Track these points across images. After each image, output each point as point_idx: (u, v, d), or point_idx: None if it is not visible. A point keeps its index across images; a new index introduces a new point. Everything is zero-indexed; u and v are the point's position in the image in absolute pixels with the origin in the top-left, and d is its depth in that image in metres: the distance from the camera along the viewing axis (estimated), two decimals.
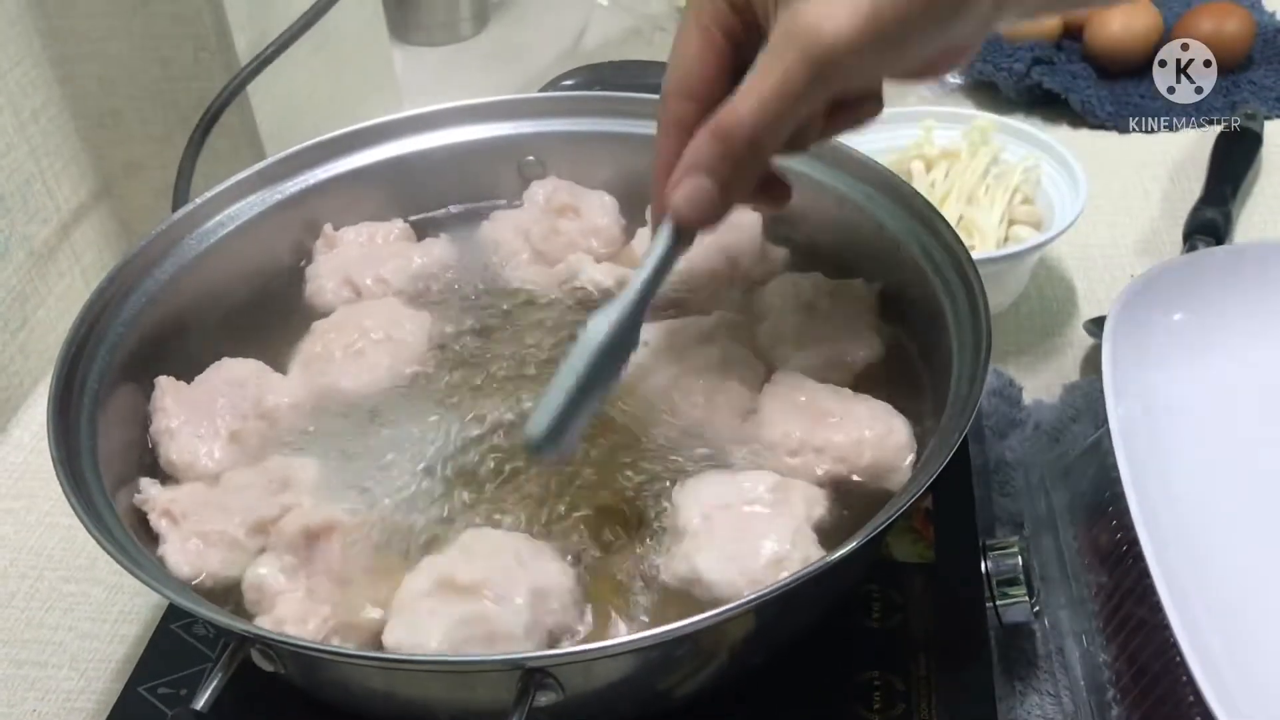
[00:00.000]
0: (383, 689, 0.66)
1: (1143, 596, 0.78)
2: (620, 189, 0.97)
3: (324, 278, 0.92)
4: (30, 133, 1.10)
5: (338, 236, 0.94)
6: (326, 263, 0.93)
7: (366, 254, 0.93)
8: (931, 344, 0.80)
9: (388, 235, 0.95)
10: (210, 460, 0.78)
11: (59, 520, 1.00)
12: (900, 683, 0.74)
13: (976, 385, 0.70)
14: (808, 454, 0.75)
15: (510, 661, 0.59)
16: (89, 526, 0.65)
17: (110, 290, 0.80)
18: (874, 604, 0.78)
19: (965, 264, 0.77)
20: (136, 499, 0.75)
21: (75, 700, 0.87)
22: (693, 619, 0.60)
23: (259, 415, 0.80)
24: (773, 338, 0.83)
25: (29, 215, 1.11)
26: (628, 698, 0.67)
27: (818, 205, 0.89)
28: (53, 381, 0.73)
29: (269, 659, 0.63)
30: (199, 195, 0.89)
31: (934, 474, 0.65)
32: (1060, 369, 1.09)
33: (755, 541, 0.68)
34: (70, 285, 1.16)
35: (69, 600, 0.94)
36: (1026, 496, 0.94)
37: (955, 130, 1.21)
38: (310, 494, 0.74)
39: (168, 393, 0.81)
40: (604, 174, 0.97)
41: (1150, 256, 1.22)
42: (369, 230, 0.95)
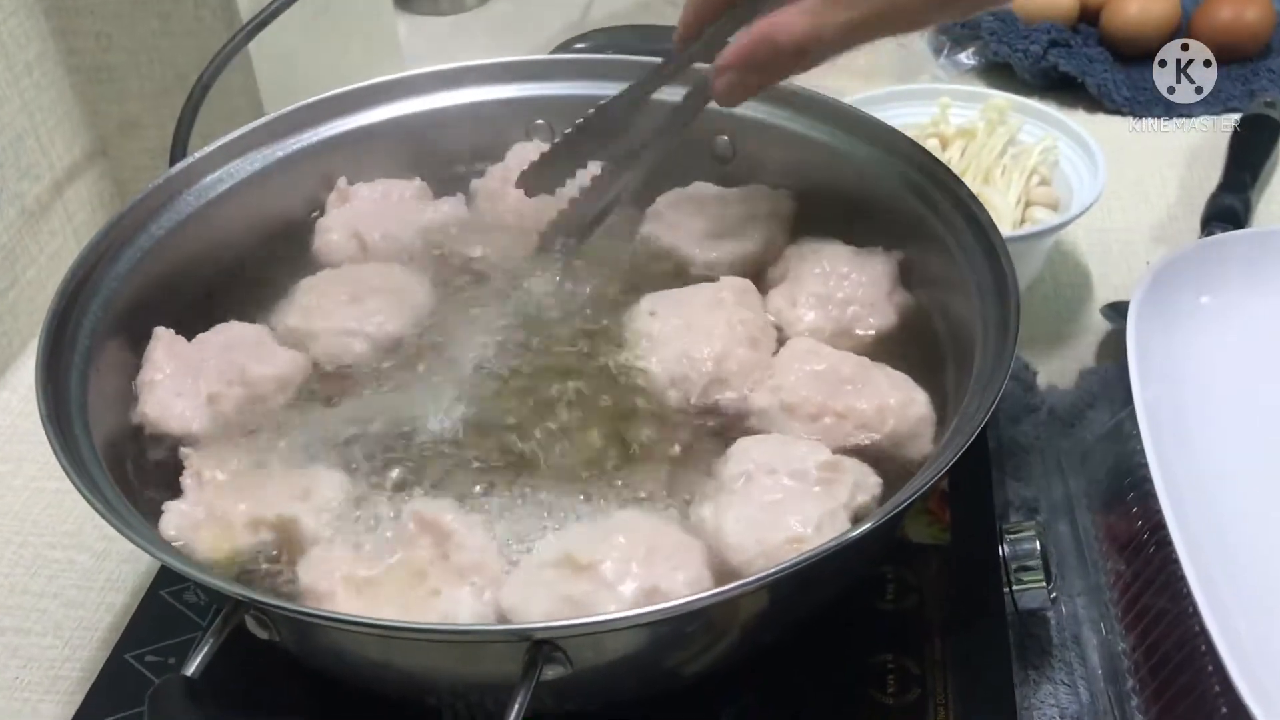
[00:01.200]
0: (382, 659, 0.63)
1: (1164, 586, 0.76)
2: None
3: (333, 231, 0.89)
4: (23, 86, 1.07)
5: (352, 191, 0.92)
6: (337, 216, 0.90)
7: (380, 209, 0.90)
8: (953, 316, 0.78)
9: (403, 193, 0.93)
10: (179, 421, 0.76)
11: (45, 485, 0.97)
12: (915, 666, 0.72)
13: (1003, 364, 0.67)
14: (828, 419, 0.73)
15: (517, 632, 0.57)
16: (77, 483, 0.62)
17: (105, 243, 0.78)
18: (888, 585, 0.76)
19: (992, 238, 0.75)
20: (183, 451, 0.73)
21: (60, 668, 0.84)
22: (704, 594, 0.59)
23: (242, 382, 0.78)
24: (786, 303, 0.82)
25: (20, 172, 1.08)
26: (636, 674, 0.65)
27: (838, 173, 0.87)
28: (42, 334, 0.70)
29: (264, 625, 0.60)
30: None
31: (958, 452, 0.63)
32: (1075, 354, 1.07)
33: (782, 515, 0.66)
34: (62, 245, 1.13)
35: (54, 566, 0.91)
36: (1043, 482, 0.91)
37: (972, 109, 1.18)
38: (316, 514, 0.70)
39: (160, 344, 0.78)
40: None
41: (1166, 243, 1.19)
42: (384, 187, 0.93)
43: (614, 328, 0.81)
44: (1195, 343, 0.87)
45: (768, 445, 0.71)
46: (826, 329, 0.80)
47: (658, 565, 0.64)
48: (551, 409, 0.76)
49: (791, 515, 0.66)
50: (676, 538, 0.67)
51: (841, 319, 0.81)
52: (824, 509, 0.66)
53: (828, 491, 0.67)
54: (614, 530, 0.66)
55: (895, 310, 0.82)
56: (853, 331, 0.81)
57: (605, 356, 0.79)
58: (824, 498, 0.67)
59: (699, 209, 0.89)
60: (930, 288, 0.83)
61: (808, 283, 0.82)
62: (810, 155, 0.90)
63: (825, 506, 0.66)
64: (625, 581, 0.63)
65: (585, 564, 0.63)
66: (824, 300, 0.81)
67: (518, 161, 0.92)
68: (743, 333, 0.78)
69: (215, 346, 0.80)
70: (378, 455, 0.74)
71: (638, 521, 0.68)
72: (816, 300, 0.81)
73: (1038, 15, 1.44)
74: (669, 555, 0.65)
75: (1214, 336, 0.88)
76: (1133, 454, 0.84)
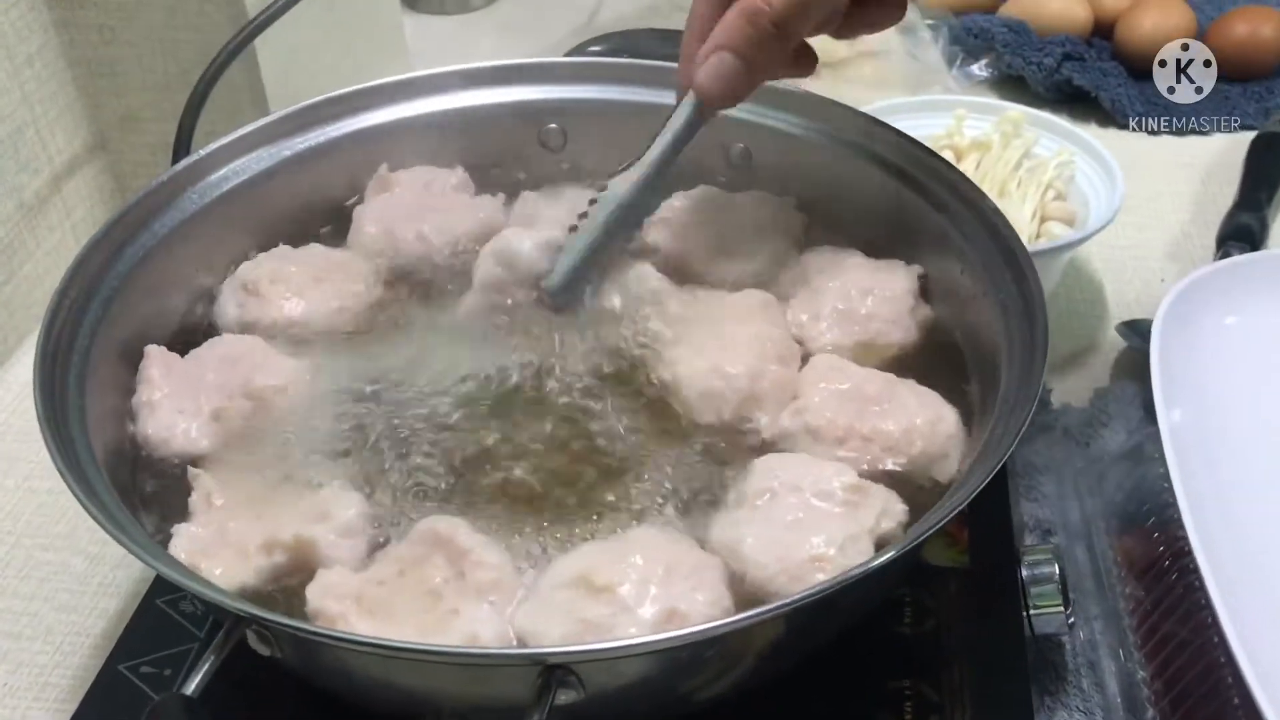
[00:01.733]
0: (387, 678, 0.61)
1: (1188, 614, 0.74)
2: None
3: (368, 222, 0.88)
4: (24, 78, 1.05)
5: (393, 179, 0.90)
6: (375, 207, 0.89)
7: (421, 201, 0.89)
8: (975, 332, 0.76)
9: (445, 184, 0.91)
10: (184, 440, 0.73)
11: (38, 485, 0.95)
12: (933, 693, 0.70)
13: (1031, 388, 0.66)
14: (855, 442, 0.71)
15: (530, 656, 0.55)
16: (73, 486, 0.60)
17: (106, 240, 0.76)
18: (905, 609, 0.74)
19: (1018, 254, 0.73)
20: (192, 471, 0.70)
21: (49, 675, 0.81)
22: (730, 619, 0.57)
23: (246, 395, 0.75)
24: (808, 316, 0.80)
25: (19, 165, 1.06)
26: (648, 699, 0.63)
27: (853, 182, 0.86)
28: (41, 332, 0.68)
29: (266, 642, 0.58)
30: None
31: (986, 477, 0.61)
32: (1089, 372, 1.05)
33: (805, 534, 0.64)
34: (60, 240, 1.11)
35: (46, 569, 0.89)
36: (1057, 503, 0.89)
37: (986, 121, 1.16)
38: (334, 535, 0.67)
39: (155, 363, 0.76)
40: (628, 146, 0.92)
41: (1181, 262, 1.18)
42: (425, 175, 0.91)
43: (630, 336, 0.79)
44: (1220, 364, 0.85)
45: (793, 464, 0.69)
46: (849, 343, 0.78)
47: (676, 585, 0.62)
48: (565, 419, 0.74)
49: (815, 535, 0.64)
50: (694, 556, 0.65)
51: (865, 333, 0.79)
52: (847, 532, 0.65)
53: (852, 515, 0.66)
54: (629, 549, 0.64)
55: (917, 325, 0.80)
56: (876, 345, 0.79)
57: (624, 365, 0.77)
58: (848, 521, 0.65)
59: (707, 217, 0.86)
60: (951, 302, 0.81)
61: (828, 296, 0.80)
62: (824, 163, 0.88)
63: (849, 530, 0.65)
64: (644, 604, 0.61)
65: (602, 585, 0.62)
66: (846, 315, 0.79)
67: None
68: (772, 350, 0.76)
69: (213, 360, 0.77)
70: (390, 467, 0.72)
71: (653, 539, 0.66)
72: (839, 315, 0.79)
73: (1052, 28, 1.42)
74: (687, 575, 0.63)
75: (1240, 357, 0.86)
76: (1154, 476, 0.82)
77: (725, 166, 0.91)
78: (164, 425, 0.74)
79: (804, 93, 0.88)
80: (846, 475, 0.67)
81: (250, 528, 0.67)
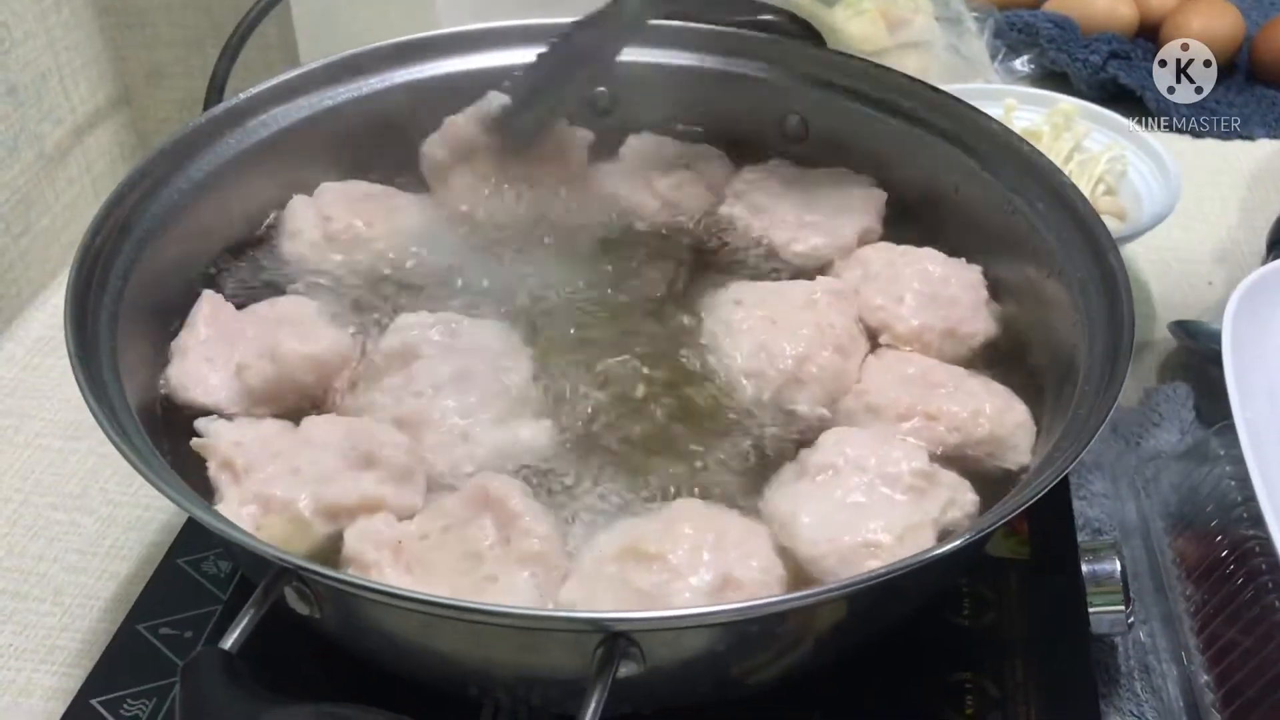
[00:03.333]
0: (431, 643, 0.58)
1: (1256, 620, 0.71)
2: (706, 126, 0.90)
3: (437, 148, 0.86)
4: (50, 23, 1.02)
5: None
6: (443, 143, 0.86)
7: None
8: (1048, 326, 0.73)
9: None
10: (203, 389, 0.70)
11: (50, 443, 0.91)
12: (994, 688, 0.67)
13: (1118, 375, 0.63)
14: (918, 419, 0.68)
15: (593, 622, 0.52)
16: (106, 428, 0.57)
17: (141, 180, 0.72)
18: (964, 600, 0.71)
19: (1100, 237, 0.70)
20: (195, 443, 0.66)
21: (56, 637, 0.78)
22: (791, 595, 0.55)
23: (272, 358, 0.72)
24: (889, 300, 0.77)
25: (42, 113, 1.02)
26: (705, 676, 0.59)
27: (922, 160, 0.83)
28: (72, 272, 0.65)
29: (305, 600, 0.54)
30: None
31: (1067, 466, 0.57)
32: (1138, 372, 1.02)
33: (864, 518, 0.61)
34: (79, 194, 1.07)
35: (56, 529, 0.85)
36: (1108, 502, 0.86)
37: (1037, 113, 1.14)
38: (394, 483, 0.64)
39: (205, 308, 0.73)
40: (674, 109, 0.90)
41: (1229, 265, 1.15)
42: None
43: (689, 313, 0.76)
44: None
45: (862, 440, 0.66)
46: (937, 327, 0.75)
47: (729, 552, 0.59)
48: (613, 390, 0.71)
49: (874, 520, 0.61)
50: (741, 524, 0.62)
51: (950, 319, 0.75)
52: (909, 519, 0.61)
53: (917, 502, 0.63)
54: (675, 519, 0.61)
55: (994, 318, 0.77)
56: (959, 334, 0.75)
57: (678, 339, 0.74)
58: (911, 508, 0.62)
59: (783, 191, 0.84)
60: (1020, 296, 0.78)
61: (910, 280, 0.77)
62: (887, 138, 0.85)
63: (910, 517, 0.62)
64: (698, 570, 0.58)
65: (653, 553, 0.59)
66: (931, 299, 0.76)
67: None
68: (831, 337, 0.73)
69: (262, 319, 0.75)
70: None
71: (697, 509, 0.63)
72: (923, 299, 0.76)
73: (1097, 25, 1.40)
74: (738, 542, 0.60)
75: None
76: (1216, 476, 0.79)
77: (780, 137, 0.89)
78: (187, 372, 0.71)
79: (864, 61, 0.85)
80: (917, 458, 0.64)
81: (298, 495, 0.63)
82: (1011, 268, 0.78)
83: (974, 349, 0.75)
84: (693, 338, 0.75)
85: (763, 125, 0.87)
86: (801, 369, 0.71)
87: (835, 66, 0.86)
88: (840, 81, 0.86)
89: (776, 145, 0.88)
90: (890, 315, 0.76)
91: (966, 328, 0.75)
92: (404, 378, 0.69)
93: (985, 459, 0.68)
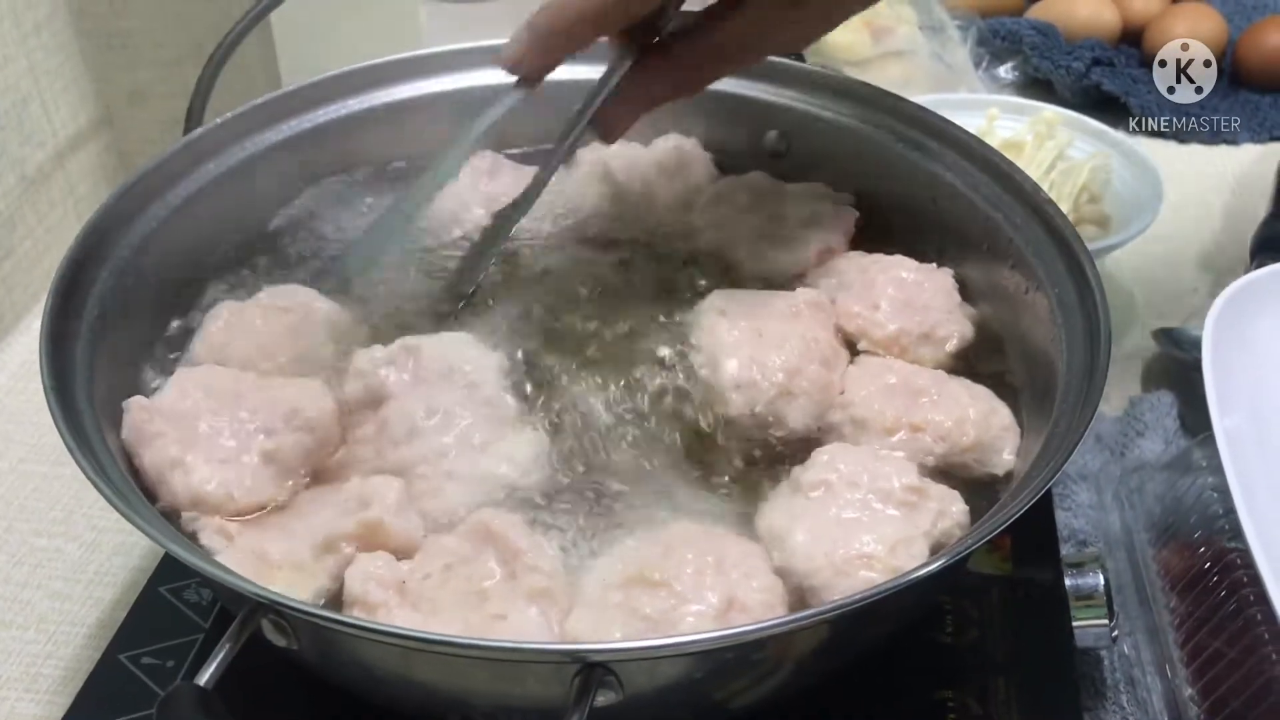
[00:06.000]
0: (410, 674, 0.57)
1: (1240, 631, 0.71)
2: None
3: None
4: (31, 47, 1.01)
5: None
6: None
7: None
8: (1024, 331, 0.73)
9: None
10: (241, 490, 0.65)
11: (33, 469, 0.91)
12: (977, 706, 0.67)
13: (1093, 396, 0.63)
14: (904, 432, 0.68)
15: (570, 653, 0.52)
16: (80, 459, 0.57)
17: (118, 207, 0.72)
18: (947, 617, 0.71)
19: (1079, 253, 0.70)
20: (186, 517, 0.63)
21: (40, 665, 0.78)
22: (768, 621, 0.55)
23: (297, 428, 0.67)
24: (865, 308, 0.77)
25: (23, 137, 1.02)
26: (685, 705, 0.59)
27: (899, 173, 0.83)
28: (49, 298, 0.65)
29: (282, 632, 0.54)
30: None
31: (1046, 484, 0.57)
32: (1121, 380, 1.02)
33: (858, 532, 0.62)
34: (62, 217, 1.07)
35: (39, 555, 0.85)
36: (1091, 513, 0.86)
37: (1019, 121, 1.14)
38: (394, 513, 0.63)
39: (152, 416, 0.66)
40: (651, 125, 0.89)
41: (1213, 272, 1.15)
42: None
43: (668, 322, 0.76)
44: (1273, 370, 0.81)
45: (854, 457, 0.66)
46: (914, 332, 0.75)
47: (730, 574, 0.60)
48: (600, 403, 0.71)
49: (867, 534, 0.62)
50: (739, 545, 0.62)
51: (925, 323, 0.76)
52: (900, 533, 0.62)
53: (909, 517, 0.63)
54: (674, 543, 0.61)
55: (969, 320, 0.77)
56: (936, 336, 0.75)
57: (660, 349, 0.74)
58: (904, 523, 0.62)
59: (752, 205, 0.84)
60: (995, 301, 0.78)
61: (884, 287, 0.77)
62: (867, 153, 0.85)
63: (902, 531, 0.62)
64: (703, 595, 0.58)
65: (658, 580, 0.59)
66: (906, 305, 0.76)
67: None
68: (816, 351, 0.72)
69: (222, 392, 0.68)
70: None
71: (692, 532, 0.63)
72: (898, 304, 0.76)
73: (1080, 32, 1.40)
74: (737, 563, 0.60)
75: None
76: (1198, 486, 0.79)
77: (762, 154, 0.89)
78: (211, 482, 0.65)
79: (843, 77, 0.85)
80: (908, 475, 0.64)
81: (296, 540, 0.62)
82: (990, 279, 0.78)
83: (950, 352, 0.75)
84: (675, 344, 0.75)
85: (743, 141, 0.86)
86: (792, 382, 0.71)
87: (815, 81, 0.86)
88: (820, 97, 0.86)
89: (756, 161, 0.88)
90: (867, 322, 0.76)
91: (942, 331, 0.76)
92: (376, 426, 0.68)
93: (973, 465, 0.68)
